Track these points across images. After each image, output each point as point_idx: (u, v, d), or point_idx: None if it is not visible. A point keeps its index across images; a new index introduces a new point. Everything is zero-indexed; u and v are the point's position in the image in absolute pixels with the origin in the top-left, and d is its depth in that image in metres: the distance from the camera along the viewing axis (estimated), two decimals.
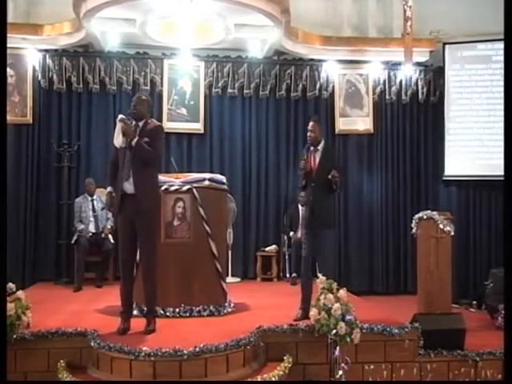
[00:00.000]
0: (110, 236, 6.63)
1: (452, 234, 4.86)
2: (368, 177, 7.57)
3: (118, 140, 4.02)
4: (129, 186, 4.04)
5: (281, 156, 7.51)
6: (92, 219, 6.66)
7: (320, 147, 4.62)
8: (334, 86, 7.53)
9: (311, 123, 4.66)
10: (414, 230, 5.00)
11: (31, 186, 7.04)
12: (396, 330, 4.21)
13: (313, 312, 3.95)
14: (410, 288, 6.97)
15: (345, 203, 7.53)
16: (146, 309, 4.26)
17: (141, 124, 4.12)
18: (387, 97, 7.61)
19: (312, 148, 4.63)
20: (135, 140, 4.00)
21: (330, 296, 3.92)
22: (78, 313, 4.85)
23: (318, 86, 7.51)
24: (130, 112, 4.15)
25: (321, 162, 4.56)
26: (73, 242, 6.60)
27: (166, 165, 6.36)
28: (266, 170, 7.54)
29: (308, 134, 4.65)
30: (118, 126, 4.00)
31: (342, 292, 3.99)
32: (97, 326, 4.08)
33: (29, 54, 7.01)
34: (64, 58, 7.12)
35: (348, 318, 3.85)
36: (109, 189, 4.18)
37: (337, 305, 3.86)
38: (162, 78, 7.29)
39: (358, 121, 7.54)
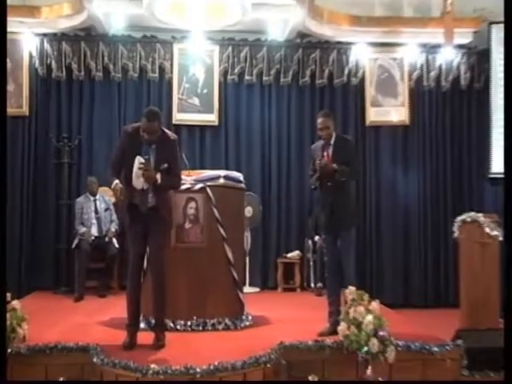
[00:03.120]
0: (114, 240, 6.67)
1: (500, 238, 4.79)
2: (403, 174, 7.51)
3: (139, 184, 4.06)
4: (146, 204, 4.12)
5: (304, 151, 7.45)
6: (94, 221, 6.71)
7: (332, 141, 4.64)
8: (364, 72, 7.49)
9: (321, 119, 4.64)
10: (455, 234, 4.93)
11: (27, 184, 7.12)
12: (436, 348, 4.17)
13: (341, 326, 3.93)
14: (452, 300, 6.87)
15: (377, 204, 7.48)
16: (154, 321, 4.29)
17: (154, 146, 4.12)
18: (425, 83, 7.55)
19: (323, 143, 4.67)
20: (159, 182, 4.05)
21: (361, 308, 3.89)
22: (79, 325, 4.88)
23: (346, 71, 7.48)
24: (143, 136, 4.08)
25: (334, 157, 4.58)
26: (73, 246, 6.65)
27: None
28: (288, 167, 7.53)
29: (319, 132, 4.67)
30: (138, 171, 4.02)
31: (375, 304, 3.96)
32: (100, 339, 4.10)
33: (25, 39, 7.09)
34: (64, 42, 7.19)
35: (381, 333, 3.82)
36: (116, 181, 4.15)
37: (368, 318, 3.83)
38: (171, 64, 7.32)
39: (391, 111, 7.50)
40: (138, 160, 4.03)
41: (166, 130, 4.28)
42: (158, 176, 4.06)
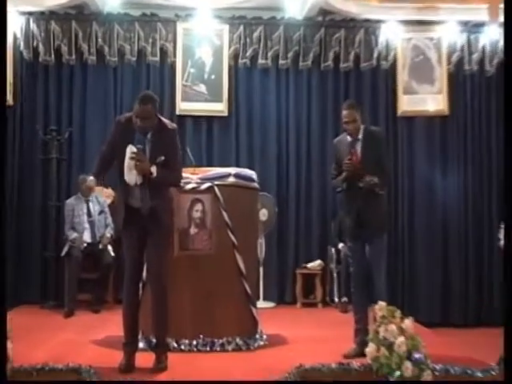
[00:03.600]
0: (109, 247, 6.71)
1: None
2: (441, 172, 7.49)
3: (131, 177, 4.04)
4: (142, 203, 4.11)
5: (327, 145, 7.43)
6: (87, 226, 6.75)
7: (360, 136, 4.62)
8: (395, 55, 7.48)
9: (346, 111, 4.60)
10: (501, 242, 4.92)
11: (11, 183, 7.15)
12: (479, 373, 4.13)
13: (370, 347, 3.92)
14: (497, 318, 6.84)
15: (410, 206, 7.45)
16: (155, 340, 4.30)
17: (149, 136, 4.12)
18: (466, 67, 7.52)
19: (350, 138, 4.63)
20: (154, 175, 4.04)
21: (393, 327, 3.88)
22: (69, 344, 4.91)
23: (375, 54, 7.47)
24: (135, 123, 4.09)
25: (363, 154, 4.55)
26: (63, 254, 6.69)
27: None
28: (308, 163, 7.54)
29: (344, 126, 4.64)
30: (131, 162, 4.01)
31: (408, 322, 3.94)
32: (93, 360, 4.12)
33: (8, 18, 7.12)
34: (52, 22, 7.24)
35: (416, 356, 3.81)
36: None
37: (401, 339, 3.82)
38: (174, 47, 7.35)
39: (427, 99, 7.49)
40: (130, 149, 4.01)
41: (164, 119, 4.30)
42: (154, 169, 4.03)
